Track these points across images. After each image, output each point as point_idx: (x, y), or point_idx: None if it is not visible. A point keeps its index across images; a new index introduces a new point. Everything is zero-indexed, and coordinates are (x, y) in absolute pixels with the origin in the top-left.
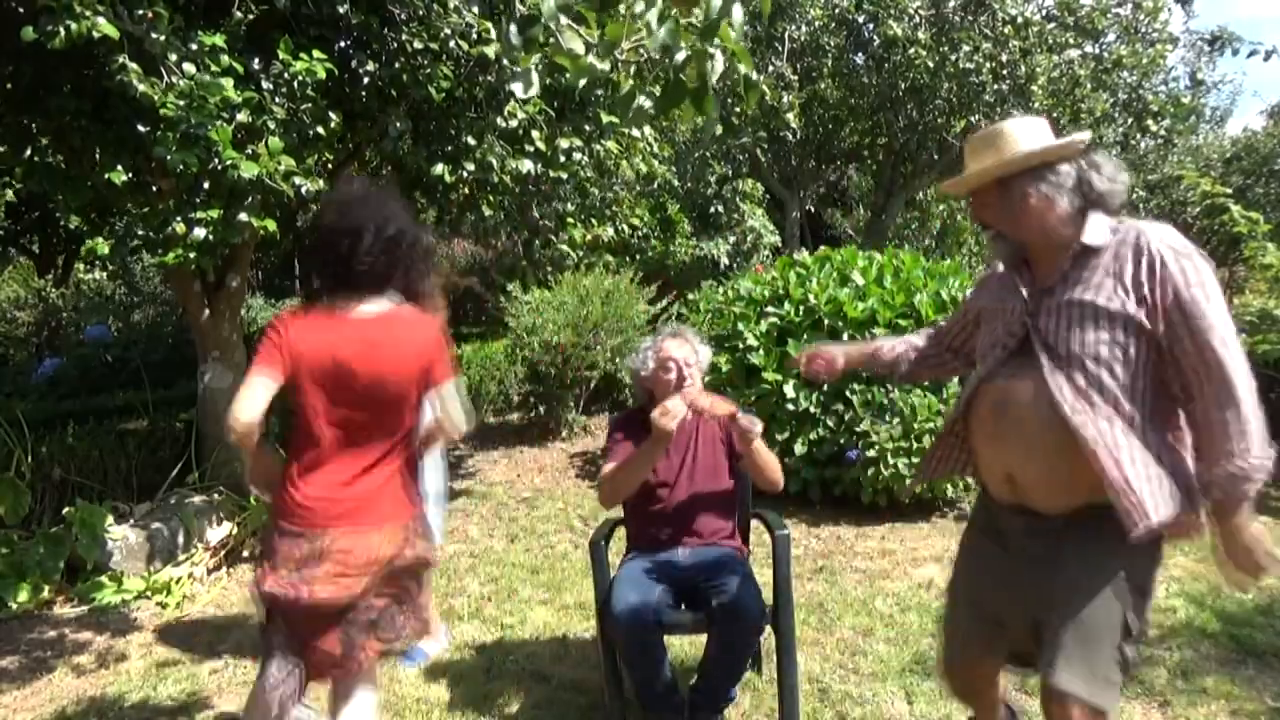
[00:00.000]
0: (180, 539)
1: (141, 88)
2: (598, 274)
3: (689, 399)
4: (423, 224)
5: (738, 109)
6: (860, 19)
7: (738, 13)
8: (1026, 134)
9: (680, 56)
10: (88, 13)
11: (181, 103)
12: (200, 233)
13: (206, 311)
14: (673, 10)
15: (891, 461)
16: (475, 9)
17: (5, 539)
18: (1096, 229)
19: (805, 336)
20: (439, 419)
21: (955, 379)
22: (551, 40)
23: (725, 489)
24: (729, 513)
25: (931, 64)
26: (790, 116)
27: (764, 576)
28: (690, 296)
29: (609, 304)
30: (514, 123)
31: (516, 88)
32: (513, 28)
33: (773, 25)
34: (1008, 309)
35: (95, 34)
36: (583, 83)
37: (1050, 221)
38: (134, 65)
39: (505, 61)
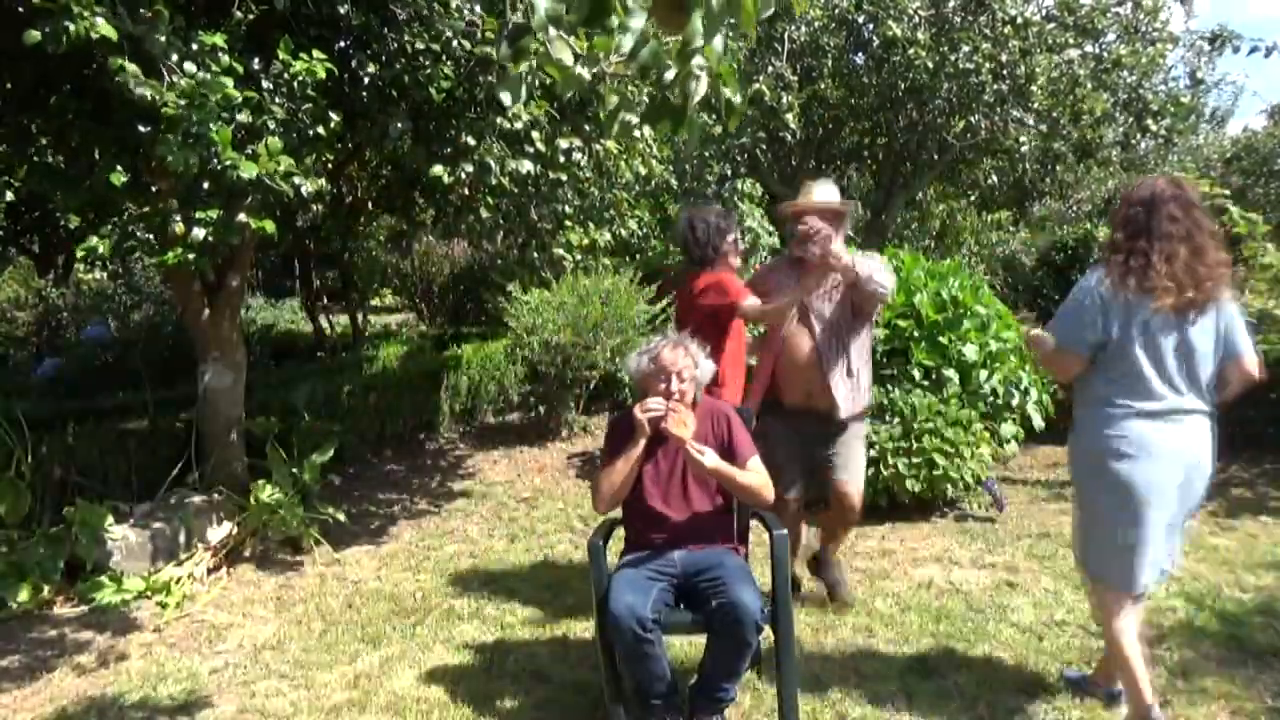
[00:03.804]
0: (180, 539)
1: (140, 90)
2: (597, 274)
3: (667, 407)
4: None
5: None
6: (860, 19)
7: (718, 43)
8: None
9: (669, 75)
10: (86, 14)
11: (183, 102)
12: (199, 233)
13: (206, 311)
14: (656, 32)
15: (891, 461)
16: (478, 7)
17: (5, 539)
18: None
19: None
20: None
21: (955, 377)
22: (541, 50)
23: (720, 496)
24: (726, 516)
25: (931, 64)
26: (790, 117)
27: (764, 577)
28: None
29: (609, 304)
30: (518, 125)
31: (505, 96)
32: (504, 40)
33: (773, 25)
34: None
35: (94, 35)
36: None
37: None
38: (133, 67)
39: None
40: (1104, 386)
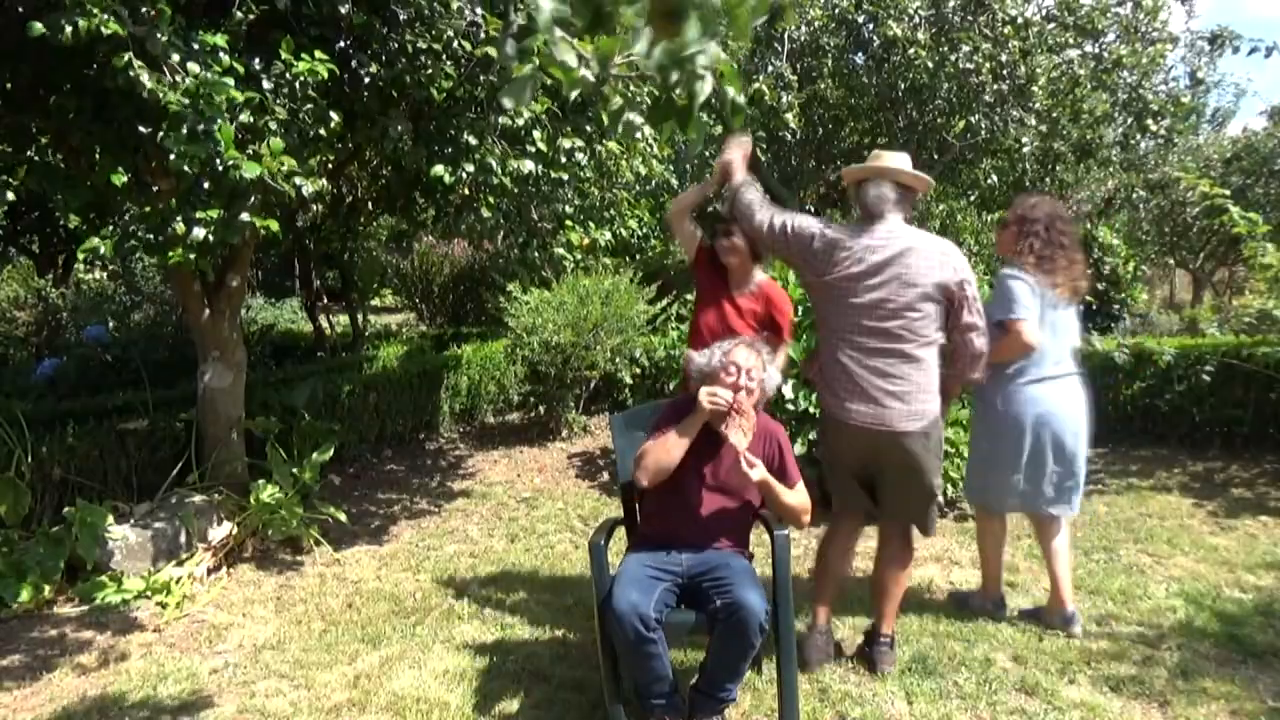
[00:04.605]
0: (180, 539)
1: (149, 85)
2: (597, 274)
3: (736, 402)
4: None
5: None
6: (860, 19)
7: (712, 49)
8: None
9: (674, 76)
10: (96, 10)
11: (187, 100)
12: (200, 233)
13: (206, 311)
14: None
15: None
16: (479, 8)
17: (5, 539)
18: None
19: (805, 337)
20: None
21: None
22: (546, 51)
23: (745, 504)
24: (738, 519)
25: (931, 64)
26: (790, 116)
27: (764, 576)
28: (690, 296)
29: (609, 304)
30: (520, 121)
31: (507, 100)
32: (510, 40)
33: (772, 25)
34: None
35: (104, 30)
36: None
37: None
38: (139, 62)
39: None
40: (1020, 359)
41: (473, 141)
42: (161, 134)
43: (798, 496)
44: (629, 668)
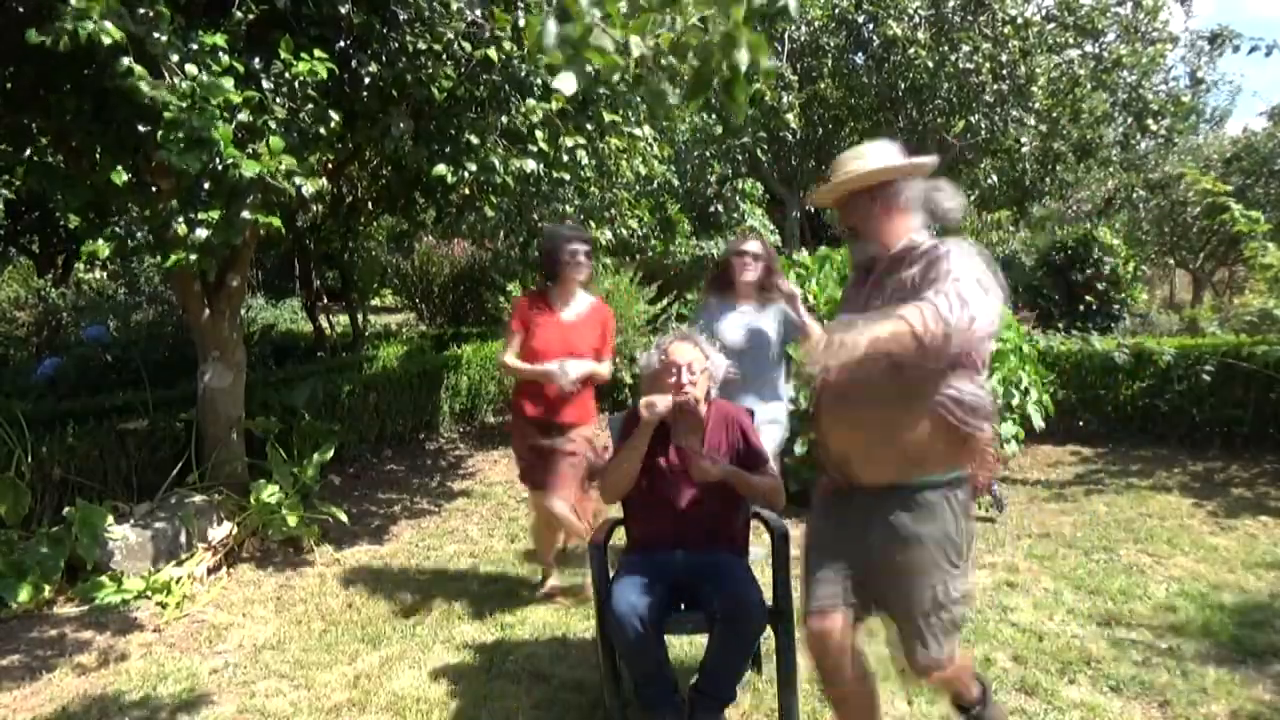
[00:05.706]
0: (180, 539)
1: (149, 91)
2: (598, 274)
3: (679, 404)
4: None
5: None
6: (860, 19)
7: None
8: (876, 155)
9: (711, 46)
10: (95, 17)
11: (184, 105)
12: (201, 233)
13: (206, 311)
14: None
15: None
16: (479, 11)
17: (5, 539)
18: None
19: None
20: None
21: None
22: (590, 34)
23: (725, 495)
24: (731, 517)
25: (931, 64)
26: (790, 117)
27: (764, 576)
28: (690, 296)
29: (609, 304)
30: (522, 117)
31: (560, 83)
32: (550, 24)
33: (773, 25)
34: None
35: (106, 38)
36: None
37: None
38: (140, 69)
39: (517, 62)
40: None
41: (474, 141)
42: (160, 139)
43: (766, 479)
44: (629, 668)
